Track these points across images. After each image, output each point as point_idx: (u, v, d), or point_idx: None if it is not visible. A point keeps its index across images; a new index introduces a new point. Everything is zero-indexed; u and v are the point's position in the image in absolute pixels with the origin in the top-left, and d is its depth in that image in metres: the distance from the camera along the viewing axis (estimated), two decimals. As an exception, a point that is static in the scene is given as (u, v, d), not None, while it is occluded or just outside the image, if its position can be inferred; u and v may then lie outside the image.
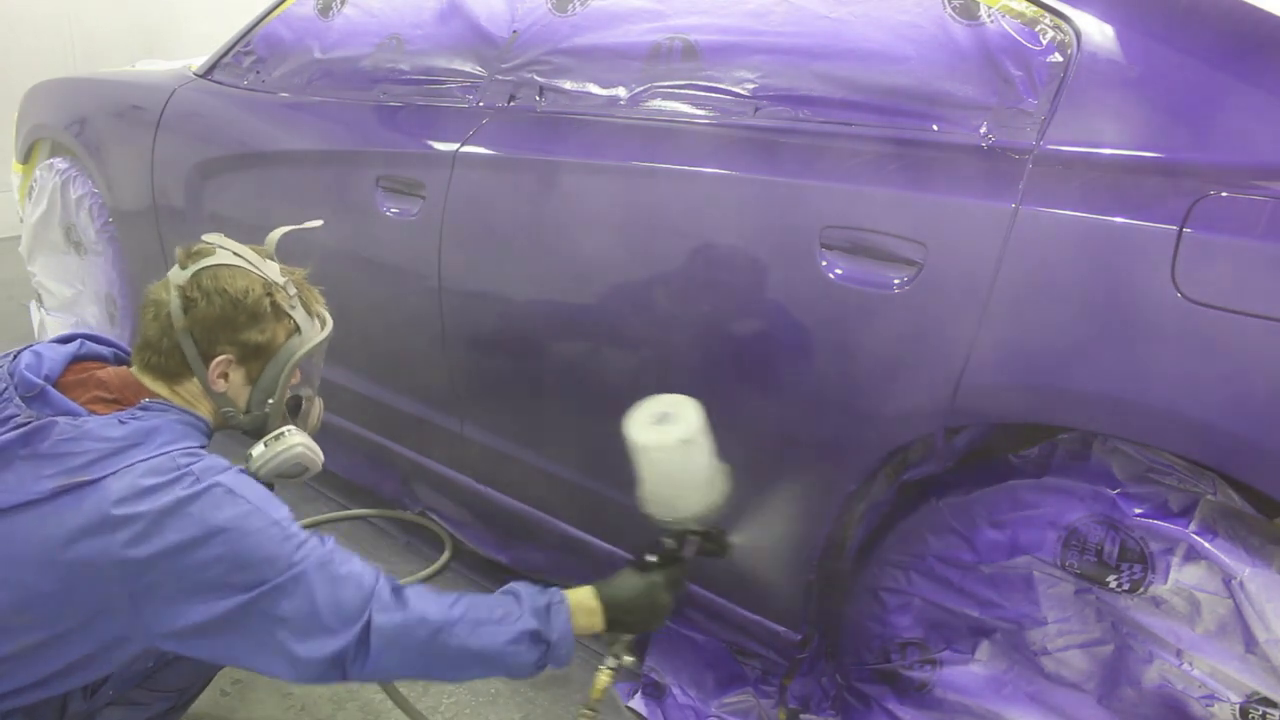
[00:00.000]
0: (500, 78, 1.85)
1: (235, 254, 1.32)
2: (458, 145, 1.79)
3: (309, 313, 1.38)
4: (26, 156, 3.09)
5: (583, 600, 1.30)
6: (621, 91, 1.68)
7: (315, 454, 1.36)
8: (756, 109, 1.51)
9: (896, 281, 1.27)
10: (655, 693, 1.76)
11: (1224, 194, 1.07)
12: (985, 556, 1.30)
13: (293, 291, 1.36)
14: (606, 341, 1.62)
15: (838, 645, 1.54)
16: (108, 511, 1.10)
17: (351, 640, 1.14)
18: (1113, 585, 1.19)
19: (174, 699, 1.47)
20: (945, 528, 1.33)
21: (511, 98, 1.82)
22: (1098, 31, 1.24)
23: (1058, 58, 1.26)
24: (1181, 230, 1.06)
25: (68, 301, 3.02)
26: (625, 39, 1.70)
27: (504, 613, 1.23)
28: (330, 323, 1.42)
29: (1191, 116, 1.17)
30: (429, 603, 1.20)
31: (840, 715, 1.55)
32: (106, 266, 2.79)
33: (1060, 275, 1.15)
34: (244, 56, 2.43)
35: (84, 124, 2.74)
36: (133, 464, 1.13)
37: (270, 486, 1.28)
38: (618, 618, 1.31)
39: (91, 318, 2.96)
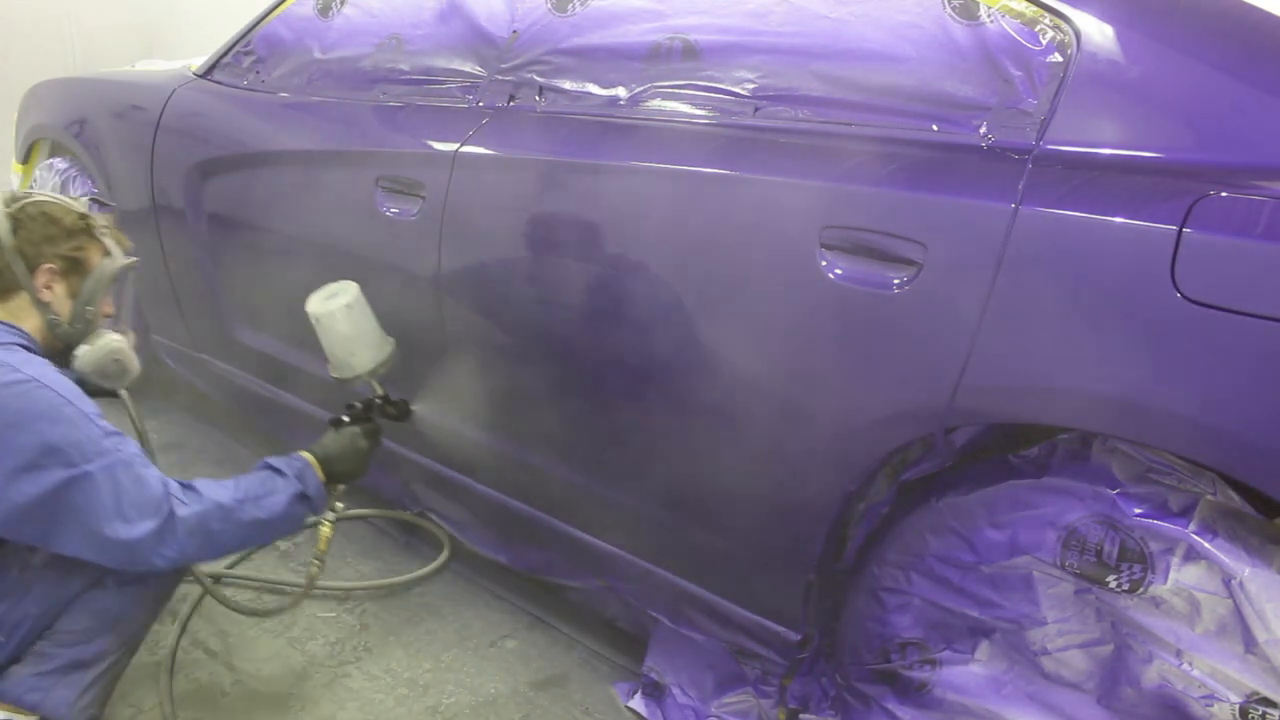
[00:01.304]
0: (500, 78, 1.85)
1: (50, 195, 1.59)
2: (457, 145, 1.79)
3: (119, 244, 1.62)
4: (26, 156, 3.09)
5: (310, 461, 1.60)
6: (621, 91, 1.68)
7: (132, 356, 1.59)
8: (756, 109, 1.51)
9: (896, 281, 1.27)
10: (655, 693, 1.76)
11: (1224, 194, 1.07)
12: (985, 556, 1.30)
13: (103, 223, 1.61)
14: (607, 341, 1.62)
15: (838, 645, 1.54)
16: None
17: (155, 528, 1.35)
18: (1112, 585, 1.19)
19: (81, 651, 1.47)
20: (945, 528, 1.33)
21: (511, 98, 1.82)
22: (1098, 31, 1.24)
23: (1058, 58, 1.26)
24: (1181, 230, 1.06)
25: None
26: (625, 39, 1.70)
27: (274, 485, 1.51)
28: (135, 257, 1.65)
29: (1191, 116, 1.17)
30: (215, 490, 1.45)
31: (840, 715, 1.55)
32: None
33: (1060, 275, 1.15)
34: (244, 56, 2.43)
35: (84, 124, 2.74)
36: None
37: (105, 394, 1.56)
38: (332, 469, 1.62)
39: (91, 318, 2.95)
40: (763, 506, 1.49)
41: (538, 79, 1.80)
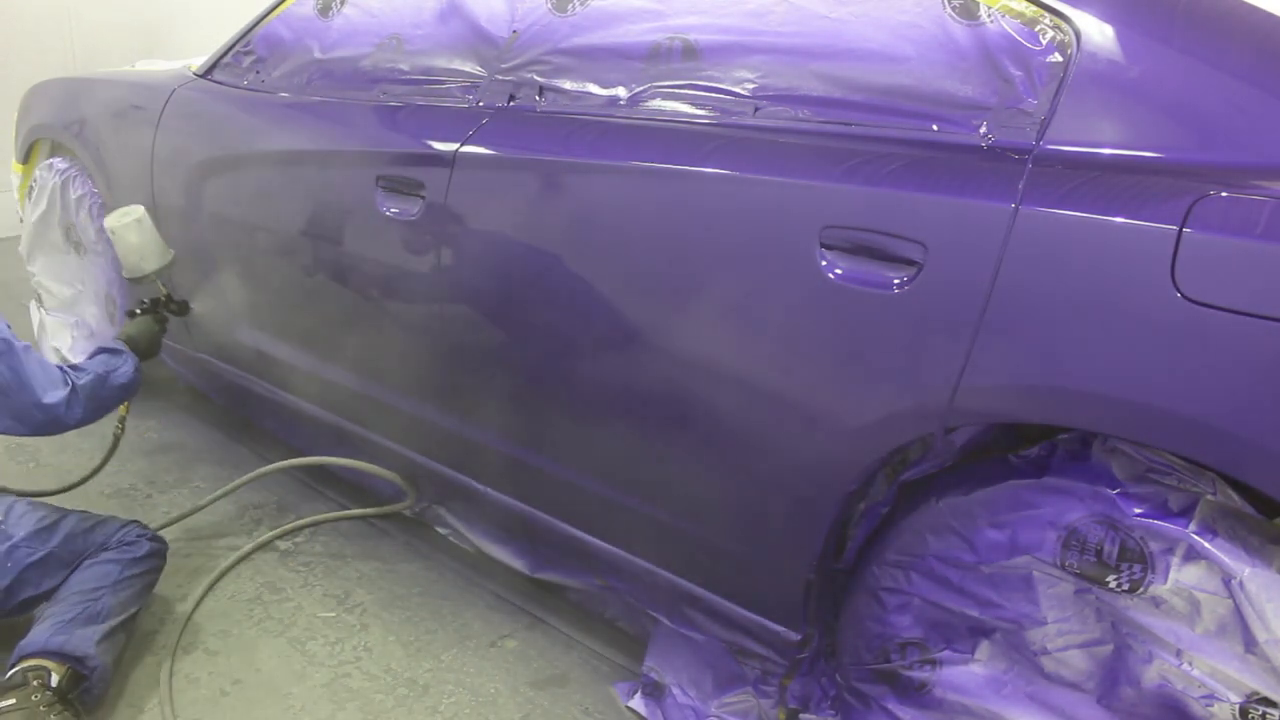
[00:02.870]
0: (500, 78, 1.85)
1: None
2: (458, 145, 1.79)
3: None
4: (26, 156, 3.09)
5: (121, 343, 2.04)
6: (621, 91, 1.68)
7: None
8: (756, 109, 1.51)
9: (896, 281, 1.27)
10: (655, 693, 1.76)
11: (1224, 194, 1.07)
12: (985, 556, 1.30)
13: None
14: (607, 340, 1.62)
15: (838, 645, 1.54)
16: None
17: (66, 395, 1.79)
18: (1112, 585, 1.19)
19: (91, 606, 1.70)
20: (945, 528, 1.33)
21: (511, 98, 1.82)
22: (1098, 31, 1.24)
23: (1058, 58, 1.26)
24: (1181, 230, 1.06)
25: (68, 301, 3.02)
26: (625, 39, 1.70)
27: (119, 360, 1.96)
28: None
29: (1191, 116, 1.17)
30: (89, 366, 1.90)
31: (840, 715, 1.55)
32: (106, 266, 2.80)
33: (1060, 275, 1.15)
34: (244, 56, 2.43)
35: (84, 124, 2.74)
36: None
37: None
38: (136, 349, 2.06)
39: (91, 318, 2.96)
40: (762, 506, 1.49)
41: (538, 79, 1.80)
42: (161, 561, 1.91)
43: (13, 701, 1.51)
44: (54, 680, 1.57)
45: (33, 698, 1.53)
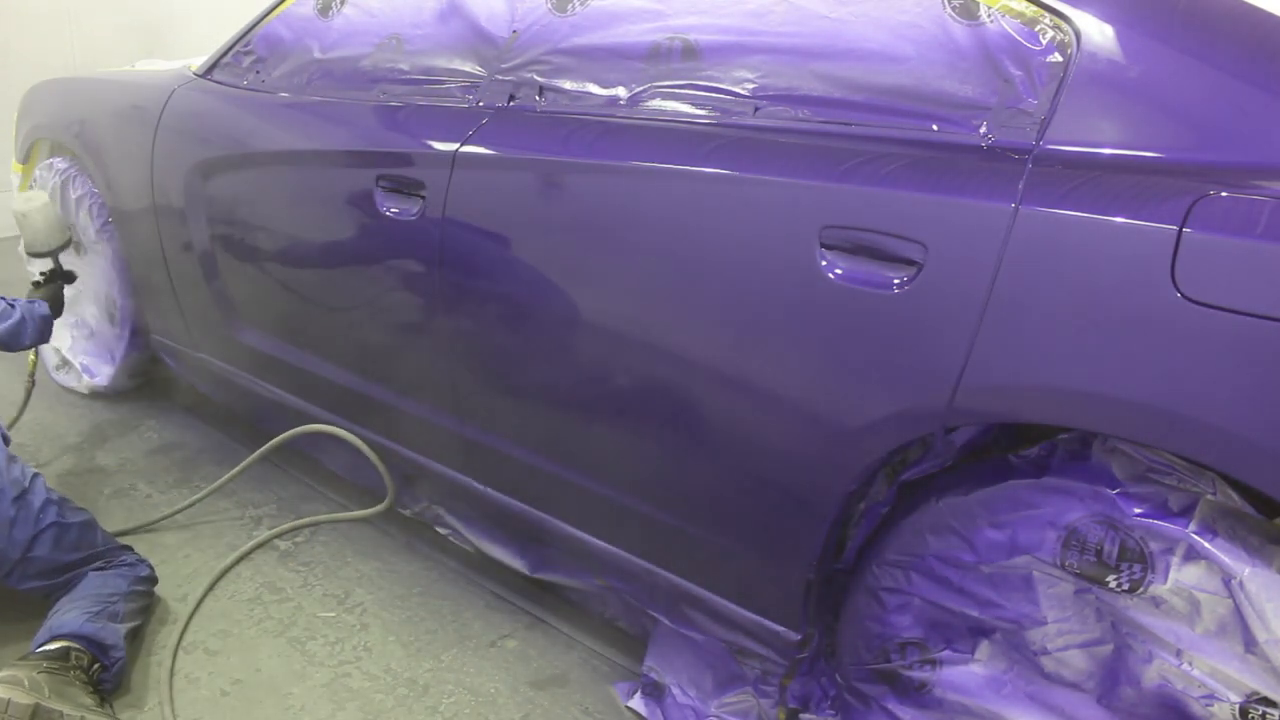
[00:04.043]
0: (500, 78, 1.85)
1: None
2: (458, 145, 1.79)
3: None
4: (26, 156, 3.09)
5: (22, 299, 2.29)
6: (621, 91, 1.68)
7: None
8: (756, 109, 1.51)
9: (896, 281, 1.27)
10: (655, 693, 1.76)
11: (1224, 194, 1.07)
12: (985, 556, 1.30)
13: None
14: (607, 341, 1.62)
15: (838, 645, 1.54)
16: None
17: None
18: (1112, 585, 1.19)
19: (109, 606, 1.79)
20: (945, 528, 1.33)
21: (511, 98, 1.82)
22: (1098, 31, 1.24)
23: (1058, 58, 1.26)
24: (1181, 230, 1.06)
25: (68, 301, 3.01)
26: (625, 39, 1.70)
27: (17, 316, 2.21)
28: None
29: (1191, 116, 1.17)
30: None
31: (840, 715, 1.55)
32: (106, 266, 2.80)
33: (1060, 275, 1.15)
34: (244, 56, 2.43)
35: (84, 124, 2.74)
36: None
37: None
38: (53, 307, 2.36)
39: (91, 318, 2.96)
40: (762, 506, 1.49)
41: (538, 79, 1.80)
42: (153, 585, 2.00)
43: (55, 665, 1.63)
44: (84, 660, 1.69)
45: (71, 672, 1.64)
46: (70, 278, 2.60)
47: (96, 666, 1.70)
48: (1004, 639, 1.33)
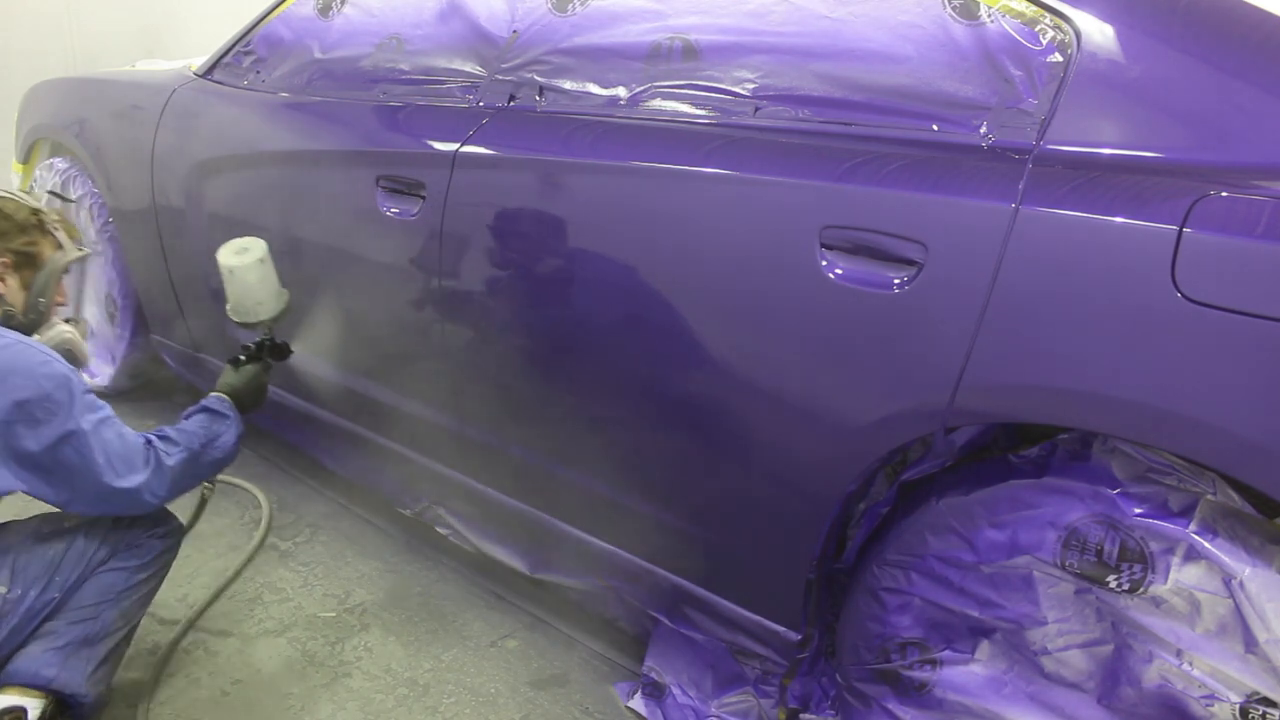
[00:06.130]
0: (500, 78, 1.85)
1: (5, 191, 1.65)
2: (458, 145, 1.79)
3: (70, 237, 1.70)
4: (26, 156, 3.09)
5: (228, 399, 1.75)
6: (621, 91, 1.68)
7: (82, 344, 1.74)
8: (756, 109, 1.51)
9: (896, 281, 1.27)
10: (655, 693, 1.76)
11: (1224, 194, 1.07)
12: (985, 556, 1.30)
13: (54, 218, 1.68)
14: (606, 341, 1.62)
15: (838, 645, 1.54)
16: None
17: (147, 477, 1.53)
18: (1113, 585, 1.19)
19: (89, 627, 1.56)
20: (945, 528, 1.33)
21: (511, 98, 1.82)
22: (1098, 31, 1.24)
23: (1058, 58, 1.26)
24: (1181, 230, 1.06)
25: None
26: (625, 39, 1.70)
27: (222, 426, 1.70)
28: (87, 249, 1.79)
29: (1191, 116, 1.17)
30: (187, 437, 1.63)
31: (840, 715, 1.55)
32: (106, 266, 2.80)
33: (1060, 275, 1.15)
34: (244, 56, 2.43)
35: (84, 124, 2.74)
36: None
37: None
38: (240, 403, 1.77)
39: (91, 318, 2.96)
40: (763, 506, 1.49)
41: (538, 79, 1.80)
42: (172, 555, 1.72)
43: None
44: (33, 716, 1.48)
45: None
46: (284, 354, 1.93)
47: (57, 708, 1.51)
48: (1004, 639, 1.33)
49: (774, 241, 1.38)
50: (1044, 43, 1.27)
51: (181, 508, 1.74)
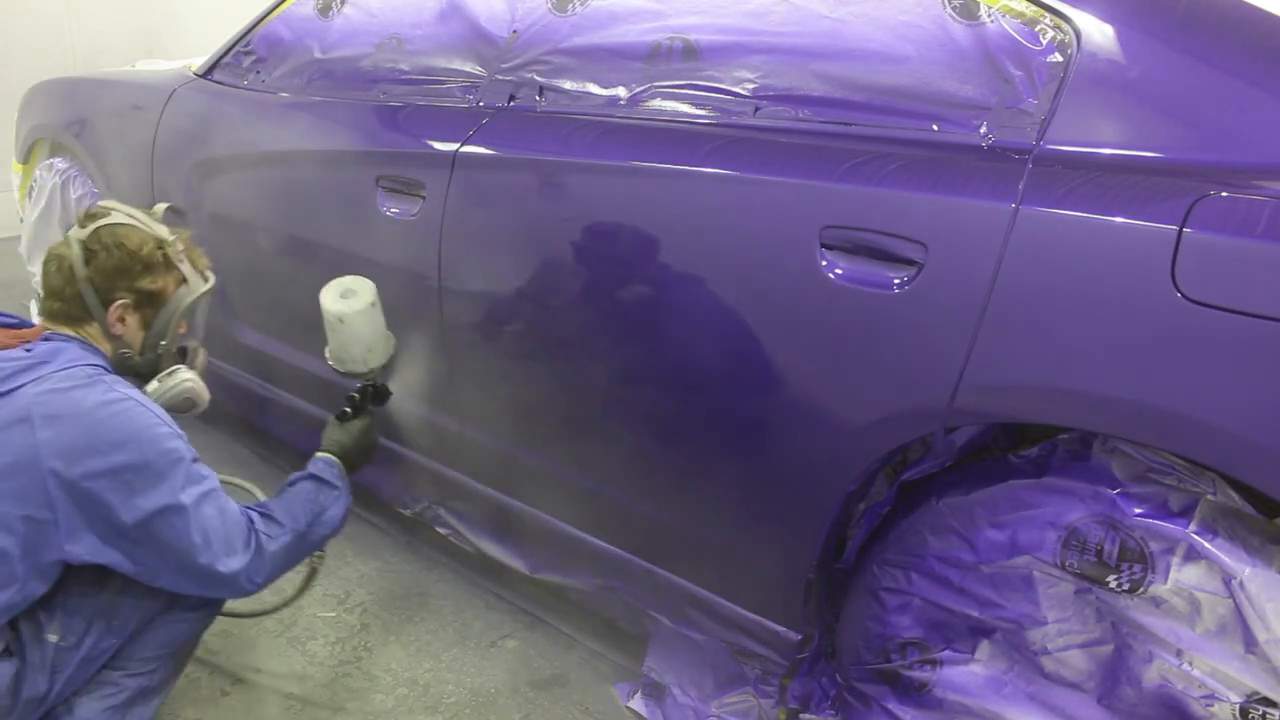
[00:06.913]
0: (500, 78, 1.85)
1: (129, 215, 1.51)
2: (458, 145, 1.79)
3: (194, 268, 1.57)
4: (26, 156, 3.09)
5: (336, 462, 1.63)
6: (621, 91, 1.68)
7: (202, 390, 1.57)
8: (756, 109, 1.51)
9: (896, 281, 1.27)
10: (655, 693, 1.76)
11: (1224, 194, 1.07)
12: (985, 556, 1.30)
13: (180, 248, 1.54)
14: (607, 341, 1.62)
15: (838, 645, 1.54)
16: (29, 414, 1.24)
17: (247, 562, 1.39)
18: (1113, 585, 1.19)
19: (149, 679, 1.47)
20: (945, 528, 1.33)
21: (511, 98, 1.82)
22: (1098, 31, 1.24)
23: (1058, 58, 1.26)
24: (1181, 230, 1.06)
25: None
26: (625, 39, 1.70)
27: (328, 498, 1.55)
28: (213, 278, 1.60)
29: (1191, 116, 1.17)
30: (289, 515, 1.48)
31: (840, 715, 1.55)
32: (106, 266, 2.79)
33: (1060, 275, 1.15)
34: (244, 56, 2.43)
35: (84, 124, 2.74)
36: (46, 374, 1.29)
37: None
38: (349, 463, 1.65)
39: (91, 318, 2.95)
40: (763, 506, 1.49)
41: (538, 79, 1.80)
42: (220, 609, 1.61)
43: None
44: None
45: None
46: (385, 397, 1.82)
47: None
48: (1004, 639, 1.33)
49: (774, 242, 1.38)
50: (1044, 43, 1.27)
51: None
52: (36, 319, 2.93)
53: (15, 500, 1.23)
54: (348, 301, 1.69)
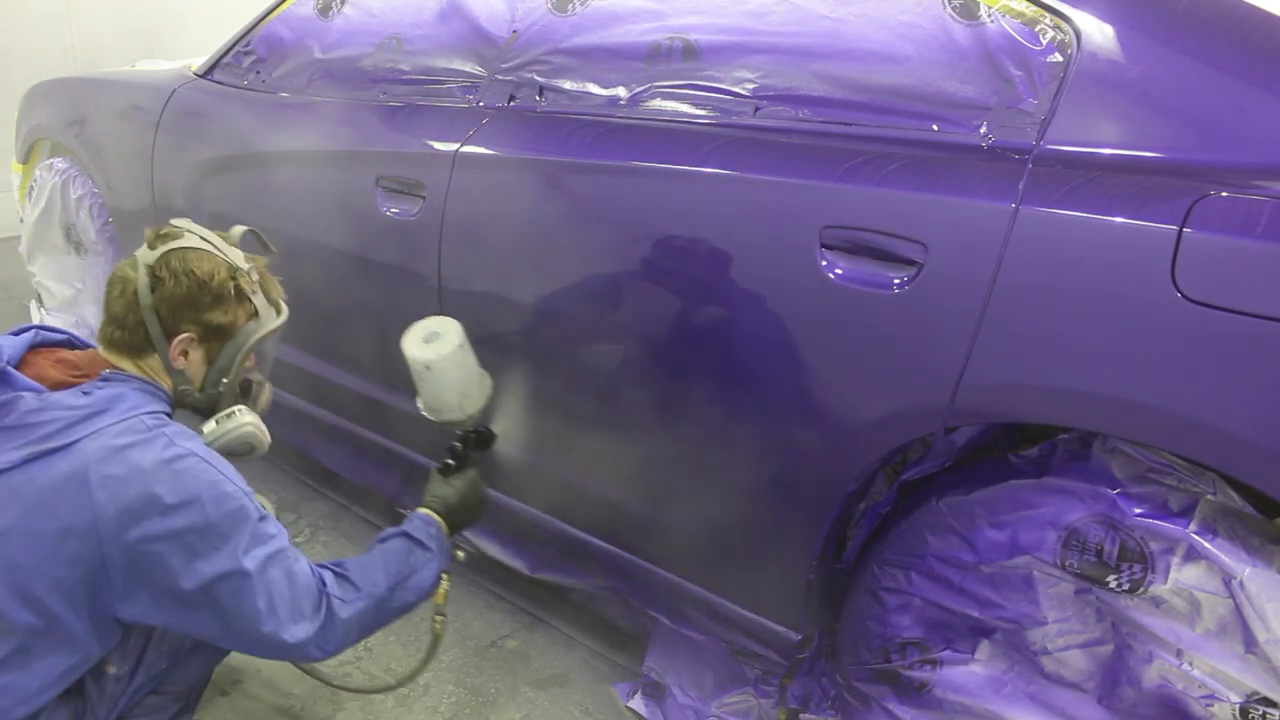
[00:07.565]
0: (500, 78, 1.85)
1: (202, 238, 1.37)
2: (458, 145, 1.79)
3: (268, 299, 1.44)
4: (26, 156, 3.09)
5: (438, 521, 1.50)
6: (621, 91, 1.68)
7: (263, 434, 1.44)
8: (756, 109, 1.51)
9: (896, 281, 1.27)
10: (655, 693, 1.76)
11: (1224, 194, 1.07)
12: (985, 556, 1.30)
13: (255, 278, 1.42)
14: (607, 341, 1.62)
15: (838, 645, 1.54)
16: (85, 473, 1.14)
17: (316, 630, 1.27)
18: (1113, 585, 1.19)
19: (183, 700, 1.46)
20: (945, 528, 1.33)
21: (511, 98, 1.82)
22: (1098, 31, 1.24)
23: (1058, 58, 1.26)
24: (1181, 230, 1.06)
25: (68, 301, 3.02)
26: (625, 39, 1.70)
27: (419, 561, 1.43)
28: (286, 311, 1.47)
29: (1191, 116, 1.17)
30: (368, 578, 1.36)
31: (840, 715, 1.55)
32: (106, 266, 2.80)
33: (1060, 275, 1.15)
34: (244, 56, 2.43)
35: (84, 124, 2.74)
36: (104, 427, 1.18)
37: None
38: (454, 521, 1.52)
39: (91, 318, 2.96)
40: (763, 506, 1.49)
41: (538, 79, 1.80)
42: None
43: None
44: None
45: None
46: (490, 441, 1.66)
47: None
48: (1004, 639, 1.33)
49: (774, 242, 1.38)
50: (1044, 43, 1.27)
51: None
52: (35, 315, 2.86)
53: (69, 565, 1.15)
54: (433, 346, 1.52)
